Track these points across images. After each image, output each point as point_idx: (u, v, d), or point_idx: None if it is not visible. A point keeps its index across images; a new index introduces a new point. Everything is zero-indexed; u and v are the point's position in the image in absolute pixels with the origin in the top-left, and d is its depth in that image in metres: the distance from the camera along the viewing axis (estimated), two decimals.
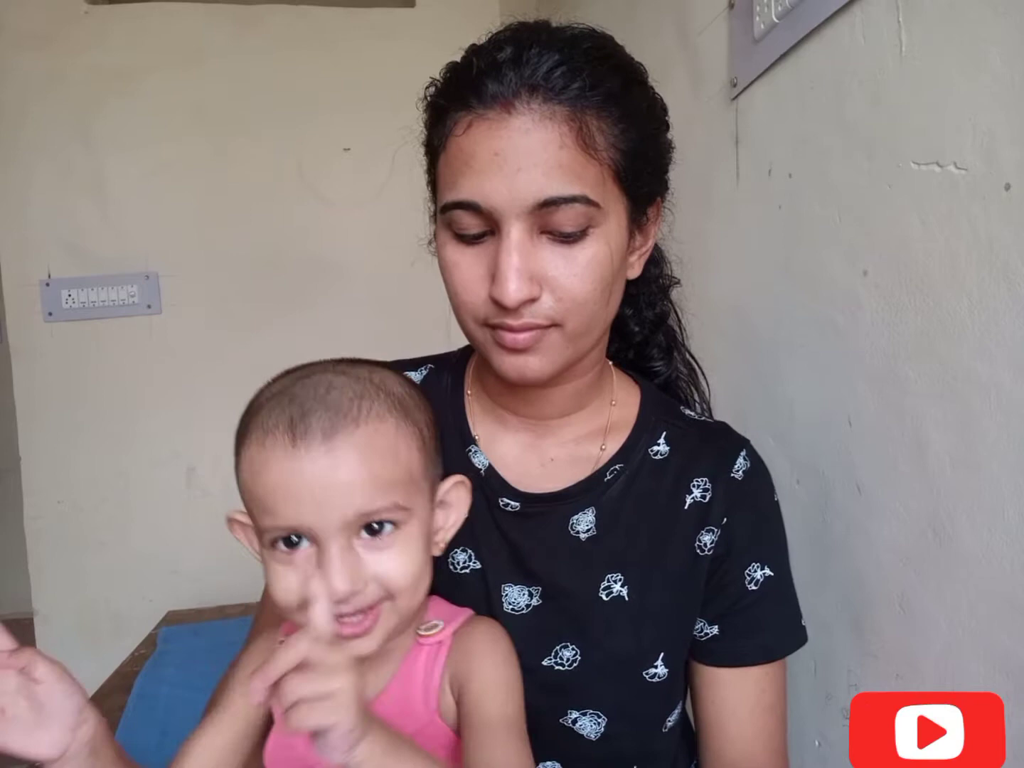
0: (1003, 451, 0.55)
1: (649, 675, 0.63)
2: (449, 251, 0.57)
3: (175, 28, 2.04)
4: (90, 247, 2.03)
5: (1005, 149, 0.53)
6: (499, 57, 0.54)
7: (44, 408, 2.03)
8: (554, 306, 0.55)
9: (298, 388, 0.52)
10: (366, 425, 0.51)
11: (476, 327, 0.58)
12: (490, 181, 0.52)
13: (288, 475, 0.49)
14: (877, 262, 0.68)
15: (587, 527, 0.64)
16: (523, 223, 0.53)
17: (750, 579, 0.65)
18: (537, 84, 0.52)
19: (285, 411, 0.50)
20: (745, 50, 0.90)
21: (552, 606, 0.63)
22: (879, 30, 0.66)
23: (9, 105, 1.98)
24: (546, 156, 0.52)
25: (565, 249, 0.55)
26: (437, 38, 2.15)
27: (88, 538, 2.06)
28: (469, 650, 0.56)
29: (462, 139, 0.54)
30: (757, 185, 0.91)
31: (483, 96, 0.53)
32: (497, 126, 0.52)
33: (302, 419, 0.49)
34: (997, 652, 0.57)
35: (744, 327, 0.97)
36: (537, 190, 0.52)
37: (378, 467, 0.50)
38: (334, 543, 0.49)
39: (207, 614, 1.74)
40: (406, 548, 0.52)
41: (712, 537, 0.64)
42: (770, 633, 0.66)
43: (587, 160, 0.53)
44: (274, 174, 2.08)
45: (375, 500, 0.50)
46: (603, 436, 0.67)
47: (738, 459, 0.66)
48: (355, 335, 2.04)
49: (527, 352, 0.57)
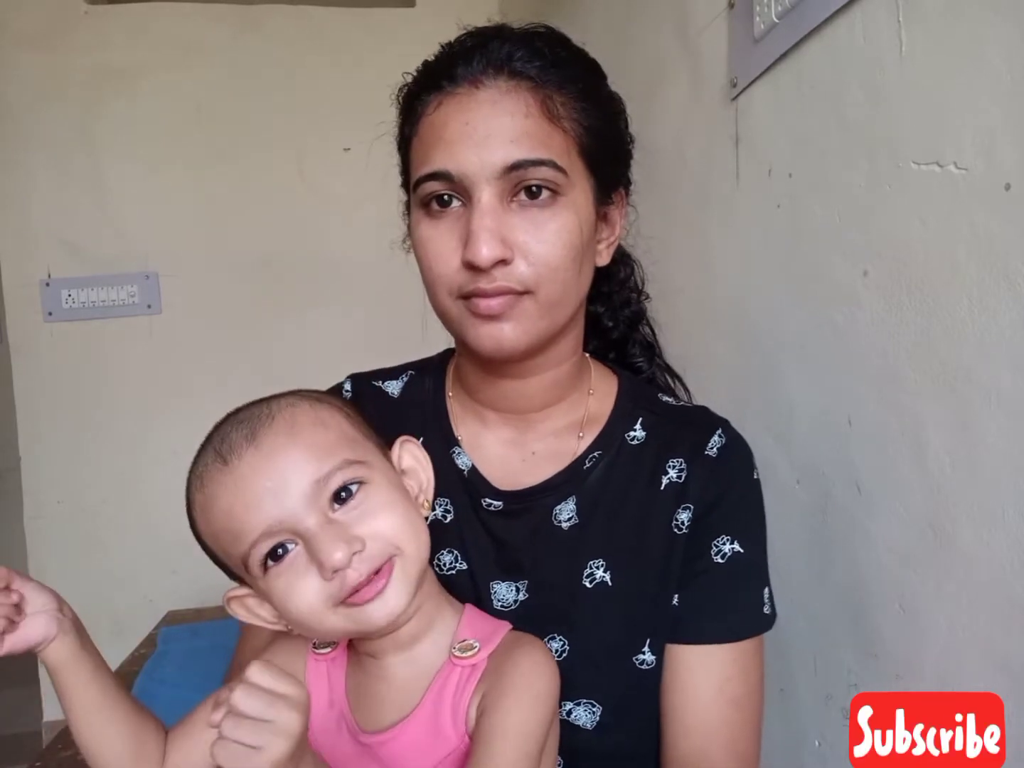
0: (1003, 451, 0.55)
1: (638, 661, 0.62)
2: (422, 228, 0.59)
3: (175, 28, 2.04)
4: (90, 247, 2.04)
5: (1005, 149, 0.53)
6: (467, 43, 0.58)
7: (44, 408, 2.04)
8: (526, 271, 0.57)
9: (221, 431, 0.53)
10: (280, 414, 0.52)
11: (450, 302, 0.59)
12: (461, 150, 0.55)
13: (235, 489, 0.49)
14: (877, 262, 0.68)
15: (569, 516, 0.65)
16: (493, 188, 0.56)
17: (717, 551, 0.63)
18: (502, 63, 0.57)
19: (213, 449, 0.51)
20: (745, 50, 0.90)
21: (538, 599, 0.64)
22: (879, 30, 0.66)
23: (9, 105, 1.98)
24: (513, 123, 0.55)
25: (535, 213, 0.57)
26: (437, 38, 2.16)
27: (88, 538, 2.06)
28: (503, 683, 0.52)
29: (433, 116, 0.58)
30: (757, 185, 0.91)
31: (454, 77, 0.57)
32: (467, 100, 0.56)
33: (223, 442, 0.51)
34: (997, 652, 0.57)
35: (744, 327, 0.97)
36: (505, 154, 0.55)
37: (310, 437, 0.51)
38: (311, 524, 0.49)
39: (207, 614, 1.74)
40: (382, 499, 0.52)
41: (688, 515, 0.64)
42: (734, 613, 0.63)
43: (552, 129, 0.57)
44: (274, 174, 2.08)
45: (323, 464, 0.50)
46: (581, 427, 0.67)
47: (713, 437, 0.66)
48: (354, 334, 2.06)
49: (501, 319, 0.57)
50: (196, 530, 0.54)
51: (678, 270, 0.81)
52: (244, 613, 0.55)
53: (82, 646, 0.52)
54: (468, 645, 0.55)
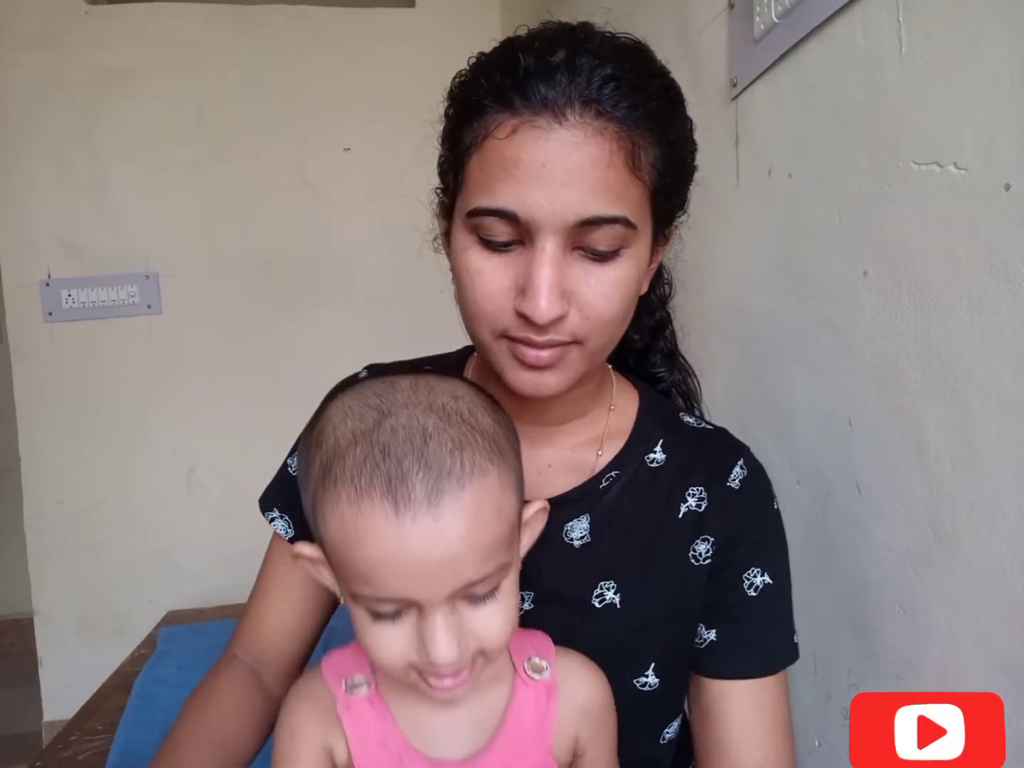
0: (1003, 451, 0.55)
1: (640, 683, 0.62)
2: (472, 257, 0.54)
3: (175, 28, 2.04)
4: (90, 247, 2.04)
5: (1005, 149, 0.53)
6: (551, 60, 0.50)
7: (44, 408, 2.03)
8: (579, 324, 0.53)
9: (388, 436, 0.45)
10: (471, 484, 0.45)
11: (492, 339, 0.56)
12: (532, 192, 0.50)
13: (392, 548, 0.44)
14: (877, 262, 0.68)
15: (581, 534, 0.64)
16: (559, 238, 0.51)
17: (749, 584, 0.64)
18: (591, 97, 0.50)
19: (380, 468, 0.44)
20: (745, 50, 0.90)
21: (544, 611, 0.63)
22: (879, 30, 0.66)
23: (9, 105, 1.98)
24: (594, 174, 0.50)
25: (596, 267, 0.53)
26: (437, 38, 2.18)
27: (88, 538, 2.06)
28: (595, 716, 0.57)
29: (504, 143, 0.51)
30: (757, 185, 0.91)
31: (531, 99, 0.50)
32: (546, 135, 0.50)
33: (403, 481, 0.44)
34: (997, 652, 0.57)
35: (744, 327, 0.97)
36: (581, 208, 0.50)
37: (486, 532, 0.46)
38: (439, 613, 0.46)
39: (207, 614, 1.74)
40: (505, 602, 0.49)
41: (707, 547, 0.64)
42: (770, 647, 0.64)
43: (631, 181, 0.52)
44: (274, 174, 2.08)
45: (482, 568, 0.46)
46: (600, 443, 0.66)
47: (735, 468, 0.65)
48: (354, 335, 2.06)
49: (545, 369, 0.55)
50: (318, 507, 0.48)
51: (678, 270, 0.81)
52: (308, 565, 0.53)
53: None
54: (537, 665, 0.56)
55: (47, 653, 2.08)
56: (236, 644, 0.72)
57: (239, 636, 0.72)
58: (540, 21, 0.56)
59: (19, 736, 2.23)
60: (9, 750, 2.18)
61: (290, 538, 0.70)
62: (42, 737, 2.05)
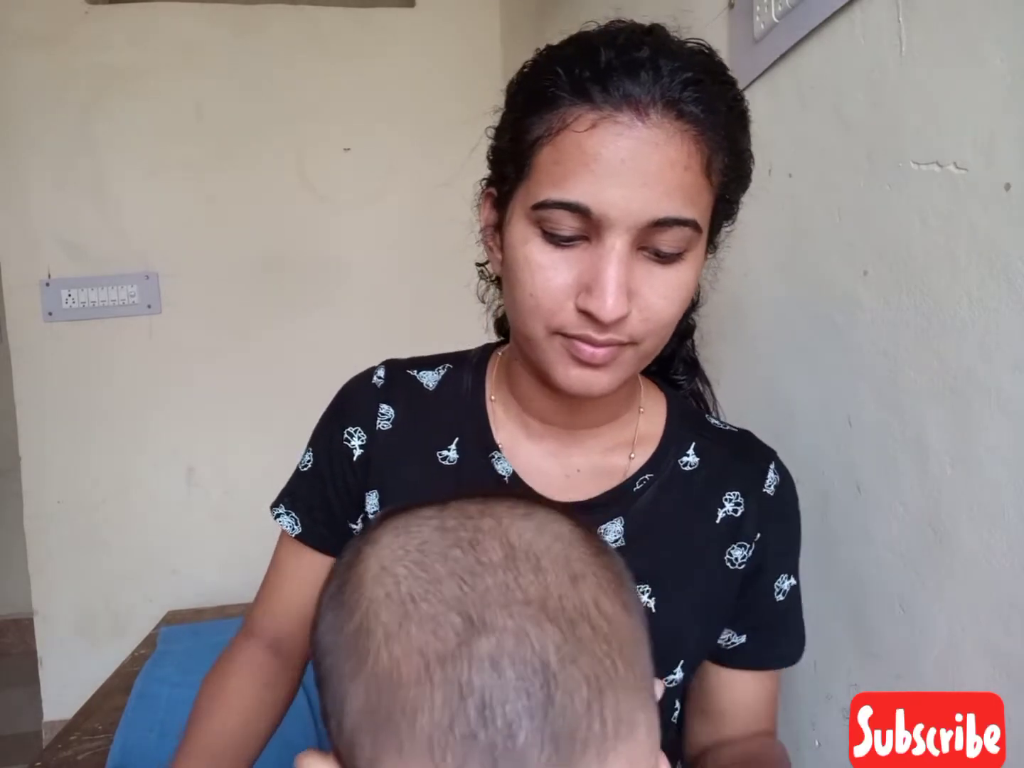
0: (1003, 451, 0.55)
1: (668, 681, 0.63)
2: (534, 250, 0.53)
3: (175, 28, 2.04)
4: (90, 247, 2.04)
5: (1005, 149, 0.53)
6: (636, 56, 0.50)
7: (44, 408, 2.03)
8: (638, 325, 0.53)
9: (487, 676, 0.28)
10: (615, 753, 0.29)
11: (545, 335, 0.55)
12: (609, 189, 0.49)
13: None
14: (877, 262, 0.68)
15: (615, 537, 0.63)
16: (629, 236, 0.50)
17: (779, 591, 0.66)
18: (674, 98, 0.49)
19: (478, 740, 0.27)
20: (745, 50, 0.90)
21: None
22: (879, 30, 0.66)
23: (9, 105, 1.98)
24: (672, 175, 0.50)
25: (659, 269, 0.53)
26: (437, 38, 2.18)
27: (88, 538, 2.06)
28: None
29: (583, 136, 0.50)
30: (757, 185, 0.91)
31: (612, 94, 0.49)
32: (628, 131, 0.49)
33: (506, 755, 0.27)
34: (997, 652, 0.57)
35: (744, 327, 0.97)
36: (656, 208, 0.50)
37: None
38: None
39: (207, 614, 1.74)
40: None
41: (744, 552, 0.64)
42: (791, 643, 0.69)
43: (704, 186, 0.52)
44: (274, 174, 2.08)
45: None
46: (631, 446, 0.66)
47: (769, 473, 0.66)
48: (354, 335, 2.06)
49: (600, 368, 0.55)
50: (340, 691, 0.31)
51: None
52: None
53: None
54: None
55: (47, 653, 2.08)
56: (250, 625, 0.72)
57: (252, 620, 0.72)
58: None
59: (19, 736, 2.23)
60: (9, 750, 2.18)
61: (297, 535, 0.70)
62: (42, 737, 2.05)
